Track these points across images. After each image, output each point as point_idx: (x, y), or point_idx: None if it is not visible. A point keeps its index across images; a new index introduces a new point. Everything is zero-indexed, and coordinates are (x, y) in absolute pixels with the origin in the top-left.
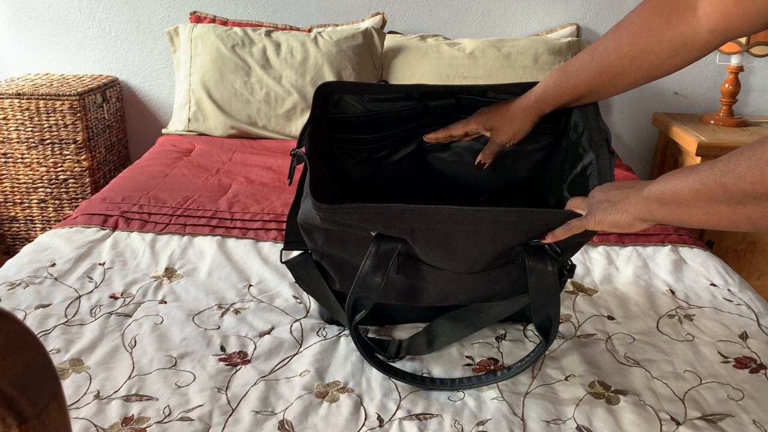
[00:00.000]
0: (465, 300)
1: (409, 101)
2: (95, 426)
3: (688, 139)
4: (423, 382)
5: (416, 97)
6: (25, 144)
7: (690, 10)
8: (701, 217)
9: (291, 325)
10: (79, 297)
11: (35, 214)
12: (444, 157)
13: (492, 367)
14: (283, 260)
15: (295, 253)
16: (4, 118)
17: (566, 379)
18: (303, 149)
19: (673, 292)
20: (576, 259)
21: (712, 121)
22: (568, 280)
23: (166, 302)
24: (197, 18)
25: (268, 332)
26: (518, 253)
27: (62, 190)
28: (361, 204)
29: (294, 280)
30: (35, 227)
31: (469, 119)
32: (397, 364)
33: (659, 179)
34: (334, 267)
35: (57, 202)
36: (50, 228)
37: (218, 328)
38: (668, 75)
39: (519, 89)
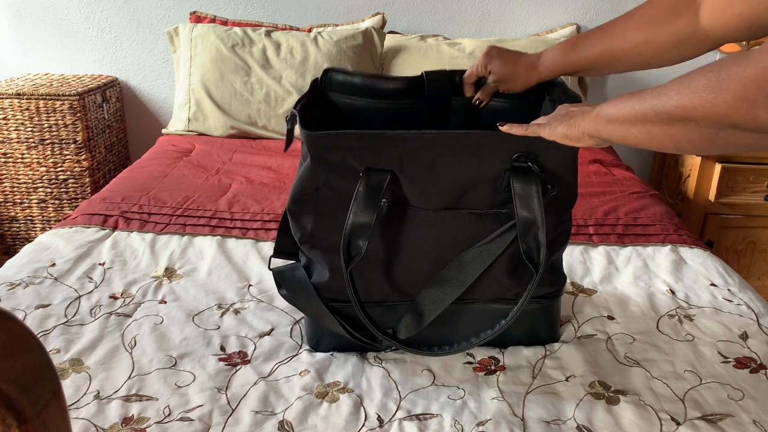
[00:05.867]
0: (457, 254)
1: (406, 99)
2: (95, 426)
3: None
4: (411, 346)
5: (411, 94)
6: (25, 144)
7: (694, 9)
8: (636, 136)
9: (291, 325)
10: (79, 297)
11: (35, 214)
12: None
13: (492, 367)
14: (270, 267)
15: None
16: (4, 118)
17: (566, 379)
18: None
19: (673, 292)
20: (576, 259)
21: None
22: (569, 281)
23: (166, 302)
24: (197, 18)
25: (268, 332)
26: (506, 186)
27: (62, 190)
28: (351, 131)
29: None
30: (35, 227)
31: (479, 62)
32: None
33: (612, 100)
34: (326, 254)
35: (57, 202)
36: (50, 228)
37: (218, 328)
38: (665, 66)
39: None
